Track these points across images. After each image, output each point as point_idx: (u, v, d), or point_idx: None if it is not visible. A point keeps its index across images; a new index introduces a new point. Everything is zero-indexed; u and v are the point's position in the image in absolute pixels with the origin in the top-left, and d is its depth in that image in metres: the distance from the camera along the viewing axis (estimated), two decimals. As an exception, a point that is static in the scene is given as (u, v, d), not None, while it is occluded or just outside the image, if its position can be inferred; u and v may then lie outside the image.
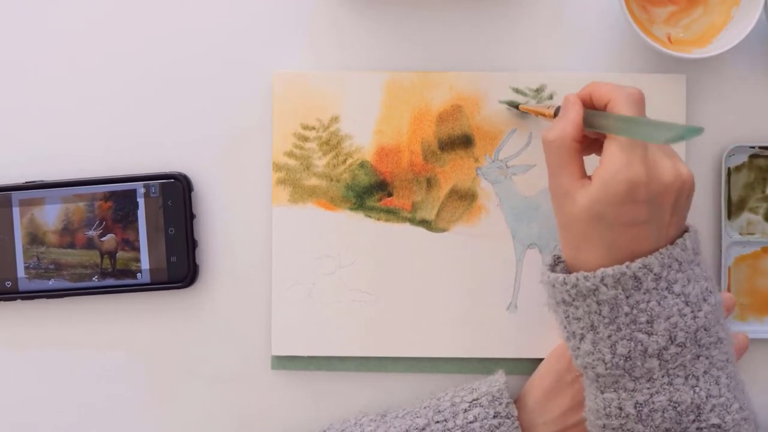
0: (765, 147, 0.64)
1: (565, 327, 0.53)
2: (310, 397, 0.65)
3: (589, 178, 0.52)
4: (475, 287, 0.64)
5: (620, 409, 0.51)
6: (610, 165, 0.50)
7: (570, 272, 0.53)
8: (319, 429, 0.61)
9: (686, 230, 0.53)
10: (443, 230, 0.64)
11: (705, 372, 0.51)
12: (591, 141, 0.55)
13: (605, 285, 0.50)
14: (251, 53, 0.65)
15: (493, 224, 0.64)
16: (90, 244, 0.64)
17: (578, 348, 0.53)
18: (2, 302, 0.65)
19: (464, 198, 0.64)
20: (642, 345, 0.50)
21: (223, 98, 0.65)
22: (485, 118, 0.64)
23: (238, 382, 0.65)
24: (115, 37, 0.65)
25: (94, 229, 0.64)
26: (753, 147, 0.64)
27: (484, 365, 0.64)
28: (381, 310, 0.64)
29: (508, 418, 0.58)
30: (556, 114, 0.57)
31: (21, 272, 0.64)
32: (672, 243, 0.51)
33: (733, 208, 0.65)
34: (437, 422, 0.58)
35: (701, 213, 0.65)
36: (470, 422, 0.58)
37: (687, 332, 0.50)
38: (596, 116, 0.52)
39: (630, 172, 0.49)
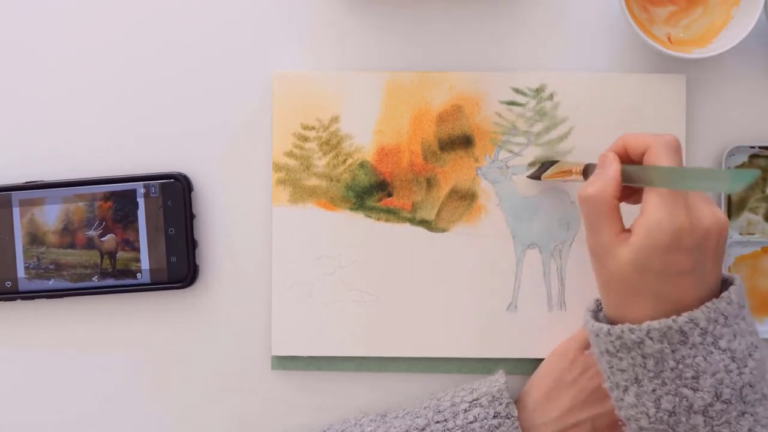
0: (765, 147, 0.64)
1: (609, 378, 0.53)
2: (310, 397, 0.65)
3: (628, 230, 0.51)
4: (475, 287, 0.64)
5: None
6: (653, 214, 0.49)
7: (614, 323, 0.52)
8: (319, 429, 0.61)
9: (731, 282, 0.52)
10: (443, 230, 0.64)
11: (749, 429, 0.50)
12: (626, 192, 0.54)
13: (651, 338, 0.49)
14: (251, 53, 0.65)
15: (493, 224, 0.64)
16: (90, 244, 0.64)
17: (622, 399, 0.52)
18: (2, 302, 0.65)
19: (464, 198, 0.64)
20: (687, 401, 0.49)
21: (224, 98, 0.65)
22: (485, 118, 0.64)
23: (238, 382, 0.65)
24: (115, 37, 0.65)
25: (94, 229, 0.64)
26: (753, 147, 0.64)
27: (484, 365, 0.64)
28: (381, 310, 0.64)
29: (508, 418, 0.58)
30: (584, 172, 0.56)
31: (21, 272, 0.64)
32: (716, 295, 0.51)
33: (733, 208, 0.65)
34: (437, 422, 0.58)
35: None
36: (470, 422, 0.58)
37: (733, 389, 0.49)
38: (637, 171, 0.51)
39: (674, 221, 0.49)
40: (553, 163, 0.63)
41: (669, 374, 0.50)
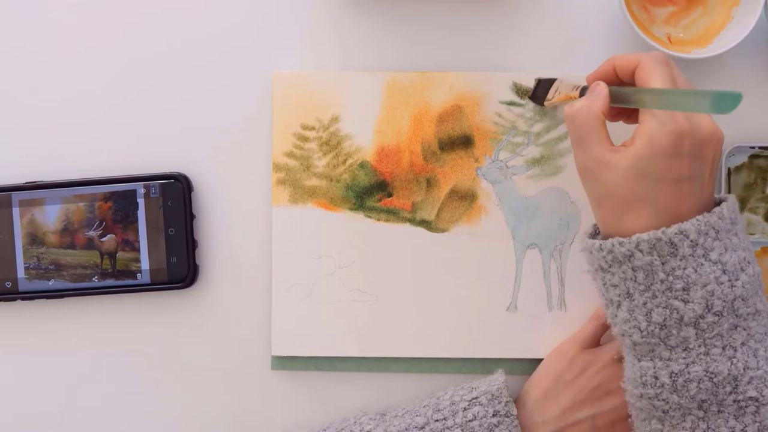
0: (765, 147, 0.64)
1: (603, 294, 0.53)
2: (310, 397, 0.65)
3: (621, 145, 0.51)
4: (475, 287, 0.64)
5: (656, 378, 0.51)
6: (653, 120, 0.49)
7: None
8: (319, 428, 0.61)
9: (723, 200, 0.53)
10: (443, 230, 0.64)
11: (743, 343, 0.50)
12: (616, 112, 0.55)
13: (640, 251, 0.50)
14: (251, 53, 0.65)
15: (493, 224, 0.64)
16: (90, 245, 0.64)
17: (615, 315, 0.52)
18: (2, 302, 0.65)
19: (464, 198, 0.64)
20: (678, 313, 0.50)
21: (224, 98, 0.65)
22: (485, 118, 0.64)
23: (238, 382, 0.65)
24: (115, 37, 0.65)
25: (94, 229, 0.64)
26: (753, 147, 0.64)
27: (484, 365, 0.64)
28: (381, 310, 0.64)
29: (508, 416, 0.58)
30: (582, 94, 0.57)
31: (21, 272, 0.64)
32: (710, 210, 0.51)
33: (733, 208, 0.65)
34: (436, 421, 0.58)
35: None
36: (469, 421, 0.58)
37: (724, 301, 0.49)
38: (627, 92, 0.52)
39: (675, 124, 0.49)
40: (550, 82, 0.62)
41: (659, 286, 0.50)
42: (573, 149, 0.54)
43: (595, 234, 0.55)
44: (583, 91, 0.57)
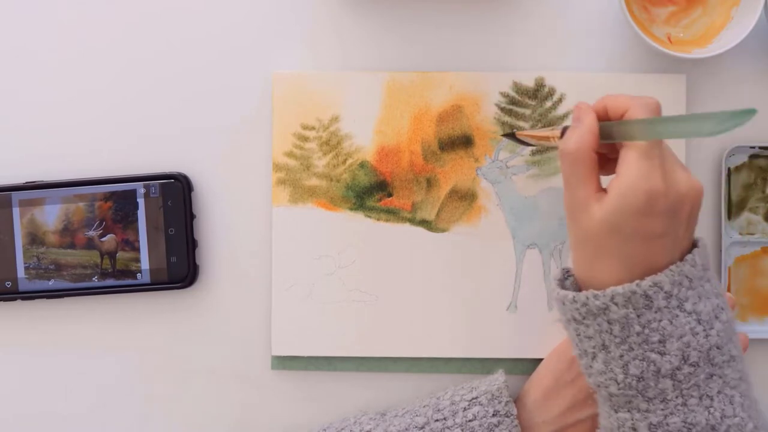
0: (765, 147, 0.64)
1: (577, 345, 0.53)
2: (310, 397, 0.65)
3: (605, 191, 0.51)
4: (475, 287, 0.64)
5: (634, 429, 0.51)
6: (628, 175, 0.49)
7: (580, 289, 0.52)
8: (319, 428, 0.61)
9: (695, 245, 0.52)
10: (443, 230, 0.64)
11: (719, 392, 0.50)
12: (604, 160, 0.54)
13: (615, 304, 0.49)
14: (251, 53, 0.65)
15: (493, 224, 0.64)
16: (90, 245, 0.64)
17: (590, 367, 0.52)
18: (2, 302, 0.65)
19: (464, 198, 0.64)
20: (655, 365, 0.49)
21: (224, 98, 0.65)
22: (485, 118, 0.64)
23: (238, 382, 0.65)
24: (115, 37, 0.65)
25: (94, 229, 0.64)
26: (753, 147, 0.64)
27: (484, 365, 0.64)
28: (381, 310, 0.64)
29: (508, 416, 0.58)
30: (562, 135, 0.55)
31: (21, 272, 0.64)
32: (682, 259, 0.51)
33: (733, 208, 0.65)
34: (436, 420, 0.58)
35: (701, 213, 0.64)
36: (469, 420, 0.58)
37: (700, 351, 0.49)
38: (615, 125, 0.51)
39: (649, 183, 0.48)
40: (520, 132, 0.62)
41: (635, 339, 0.49)
42: (563, 186, 0.53)
43: (564, 279, 0.54)
44: (563, 130, 0.55)
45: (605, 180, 0.52)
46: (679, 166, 0.50)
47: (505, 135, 0.63)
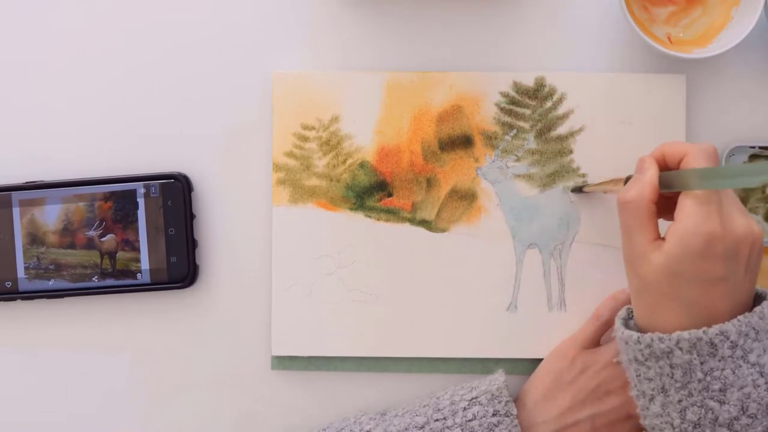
0: (765, 147, 0.64)
1: (635, 386, 0.53)
2: (310, 397, 0.65)
3: (663, 239, 0.51)
4: (475, 287, 0.64)
5: None
6: (687, 220, 0.49)
7: (644, 330, 0.52)
8: (319, 428, 0.61)
9: (763, 297, 0.52)
10: (443, 230, 0.64)
11: None
12: (663, 205, 0.54)
13: (680, 349, 0.49)
14: (251, 53, 0.65)
15: (493, 224, 0.64)
16: (90, 245, 0.64)
17: (647, 408, 0.52)
18: (2, 302, 0.65)
19: (464, 198, 0.64)
20: (713, 413, 0.49)
21: (224, 98, 0.65)
22: (485, 118, 0.64)
23: (238, 382, 0.65)
24: (115, 37, 0.65)
25: (94, 229, 0.64)
26: (753, 147, 0.64)
27: (484, 365, 0.64)
28: (381, 310, 0.64)
29: (507, 416, 0.58)
30: (626, 182, 0.56)
31: (21, 272, 0.64)
32: (748, 308, 0.51)
33: (733, 208, 0.65)
34: (436, 420, 0.58)
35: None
36: (469, 420, 0.58)
37: (759, 404, 0.49)
38: (674, 176, 0.51)
39: (707, 227, 0.49)
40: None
41: (696, 385, 0.50)
42: (621, 236, 0.53)
43: (628, 318, 0.54)
44: (627, 180, 0.56)
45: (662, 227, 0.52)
46: (737, 209, 0.51)
47: (573, 190, 0.63)
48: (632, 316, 0.55)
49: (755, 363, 0.50)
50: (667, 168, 0.54)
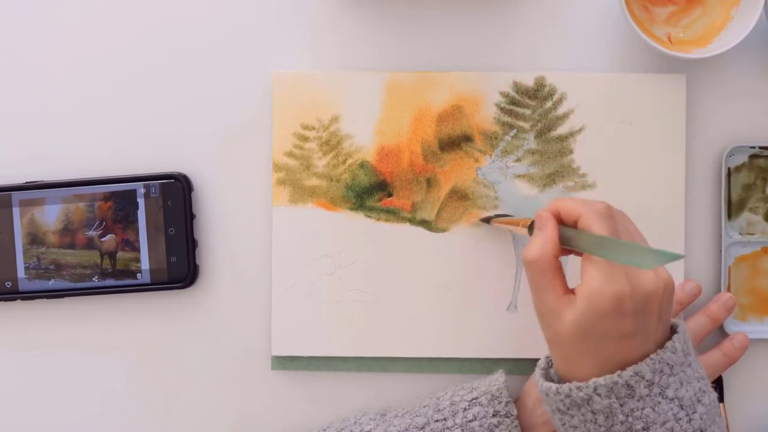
0: (765, 147, 0.64)
1: None
2: (310, 397, 0.65)
3: (573, 291, 0.51)
4: (475, 287, 0.64)
5: None
6: (593, 281, 0.49)
7: (562, 381, 0.53)
8: (319, 428, 0.61)
9: (675, 330, 0.52)
10: (443, 230, 0.64)
11: None
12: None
13: (599, 395, 0.49)
14: (251, 53, 0.65)
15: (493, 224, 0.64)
16: (90, 245, 0.64)
17: None
18: (2, 302, 0.65)
19: (464, 198, 0.64)
20: None
21: (224, 98, 0.65)
22: (485, 118, 0.64)
23: (238, 382, 0.65)
24: (115, 37, 0.65)
25: (94, 229, 0.64)
26: (753, 147, 0.64)
27: (484, 365, 0.64)
28: (381, 310, 0.64)
29: (508, 417, 0.58)
30: (530, 228, 0.56)
31: (21, 272, 0.64)
32: (661, 346, 0.51)
33: (733, 208, 0.65)
34: (437, 421, 0.58)
35: (701, 213, 0.65)
36: (470, 421, 0.58)
37: None
38: (573, 235, 0.51)
39: (614, 287, 0.49)
40: (504, 215, 0.63)
41: (619, 428, 0.50)
42: (531, 293, 0.53)
43: (548, 368, 0.54)
44: (531, 225, 0.56)
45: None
46: None
47: (482, 220, 0.64)
48: (551, 364, 0.54)
49: (674, 397, 0.50)
50: (563, 224, 0.53)
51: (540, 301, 0.52)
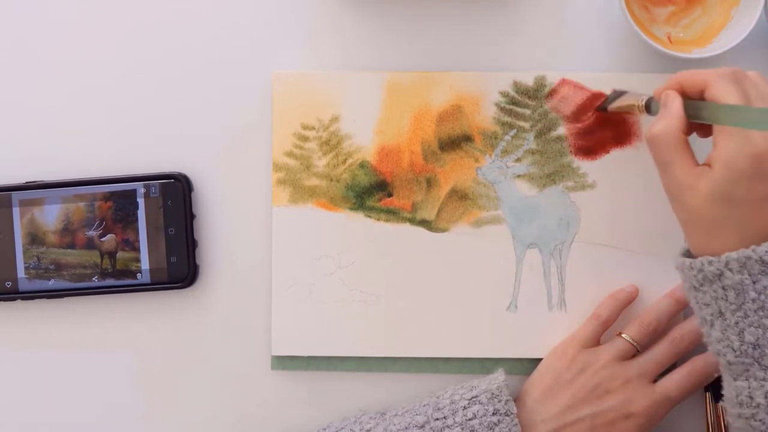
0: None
1: (696, 313, 0.52)
2: (310, 397, 0.65)
3: (703, 165, 0.50)
4: (475, 287, 0.64)
5: (751, 398, 0.50)
6: (729, 145, 0.48)
7: None
8: (319, 428, 0.61)
9: None
10: (443, 230, 0.64)
11: None
12: (694, 126, 0.53)
13: (730, 270, 0.49)
14: (251, 53, 0.65)
15: (493, 224, 0.64)
16: (90, 244, 0.64)
17: (709, 335, 0.52)
18: (2, 302, 0.65)
19: (464, 198, 0.64)
20: None
21: (224, 98, 0.65)
22: (485, 118, 0.64)
23: (238, 382, 0.65)
24: (115, 37, 0.65)
25: (94, 229, 0.64)
26: (753, 147, 0.64)
27: (484, 365, 0.64)
28: (381, 310, 0.64)
29: (508, 415, 0.58)
30: (647, 106, 0.55)
31: (21, 272, 0.64)
32: None
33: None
34: (436, 419, 0.58)
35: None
36: (469, 419, 0.58)
37: None
38: (701, 107, 0.50)
39: (752, 148, 0.48)
40: (621, 93, 0.61)
41: (750, 306, 0.49)
42: (659, 172, 0.52)
43: (688, 251, 0.54)
44: (648, 102, 0.56)
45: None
46: None
47: (599, 109, 0.62)
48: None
49: None
50: (687, 97, 0.52)
51: (669, 178, 0.51)
